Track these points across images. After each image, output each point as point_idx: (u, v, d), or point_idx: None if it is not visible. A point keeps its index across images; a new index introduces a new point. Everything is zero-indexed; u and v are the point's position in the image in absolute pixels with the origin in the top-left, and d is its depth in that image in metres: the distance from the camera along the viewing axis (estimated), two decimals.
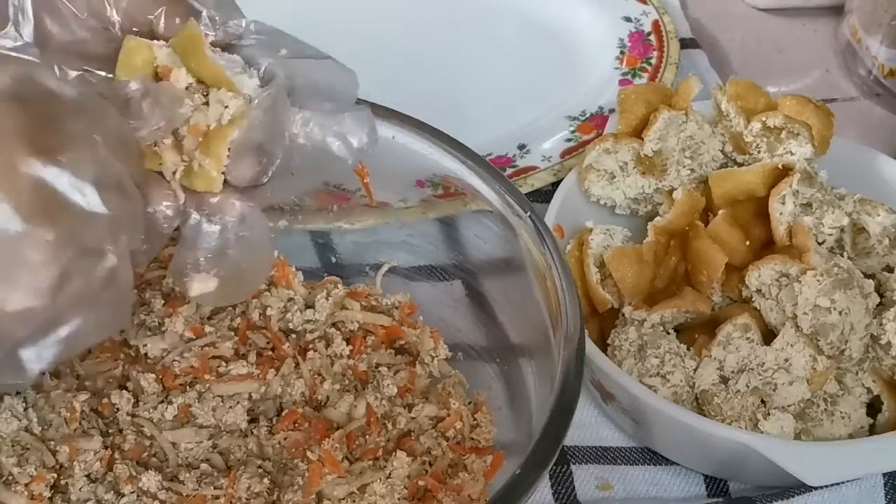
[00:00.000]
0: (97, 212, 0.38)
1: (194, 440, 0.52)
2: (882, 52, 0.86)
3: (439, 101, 0.76)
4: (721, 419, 0.56)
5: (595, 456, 0.60)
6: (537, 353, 0.54)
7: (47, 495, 0.49)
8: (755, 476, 0.59)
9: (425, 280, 0.61)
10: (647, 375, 0.57)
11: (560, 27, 0.88)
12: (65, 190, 0.37)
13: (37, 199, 0.37)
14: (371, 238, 0.62)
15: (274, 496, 0.50)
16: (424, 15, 0.88)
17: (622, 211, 0.67)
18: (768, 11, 0.96)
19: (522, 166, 0.73)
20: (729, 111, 0.66)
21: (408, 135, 0.57)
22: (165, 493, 0.49)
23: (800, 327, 0.57)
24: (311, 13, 0.87)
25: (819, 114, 0.65)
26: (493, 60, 0.86)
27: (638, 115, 0.67)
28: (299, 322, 0.57)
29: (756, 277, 0.60)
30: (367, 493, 0.49)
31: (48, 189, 0.37)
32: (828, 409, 0.58)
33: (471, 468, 0.52)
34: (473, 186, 0.56)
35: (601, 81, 0.81)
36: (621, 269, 0.61)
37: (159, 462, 0.51)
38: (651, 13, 0.87)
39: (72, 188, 0.38)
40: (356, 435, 0.52)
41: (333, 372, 0.55)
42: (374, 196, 0.59)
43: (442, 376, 0.58)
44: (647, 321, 0.59)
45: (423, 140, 0.57)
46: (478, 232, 0.58)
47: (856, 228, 0.62)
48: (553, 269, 0.51)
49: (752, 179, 0.63)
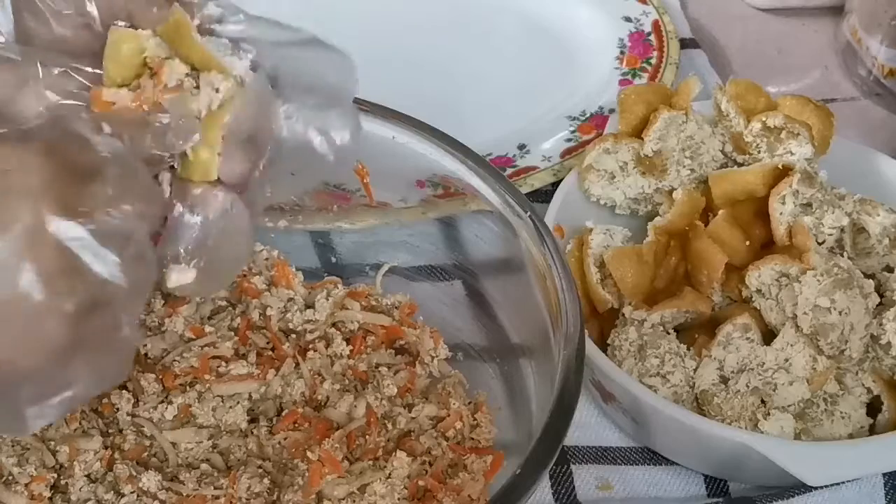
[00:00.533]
0: (118, 284, 0.38)
1: (194, 440, 0.52)
2: (882, 52, 0.86)
3: (439, 101, 0.75)
4: (721, 419, 0.56)
5: (595, 456, 0.60)
6: (537, 352, 0.54)
7: (47, 495, 0.49)
8: (755, 476, 0.59)
9: (425, 280, 0.61)
10: (647, 375, 0.57)
11: (560, 27, 0.88)
12: (89, 258, 0.37)
13: (60, 266, 0.36)
14: (371, 238, 0.62)
15: (274, 496, 0.50)
16: (424, 15, 0.88)
17: (622, 211, 0.67)
18: (768, 11, 0.96)
19: (522, 166, 0.73)
20: (729, 111, 0.66)
21: (408, 135, 0.57)
22: (165, 493, 0.49)
23: (800, 327, 0.57)
24: (312, 13, 0.87)
25: (819, 114, 0.65)
26: (493, 60, 0.86)
27: (638, 115, 0.67)
28: (299, 322, 0.57)
29: (756, 277, 0.60)
30: (367, 493, 0.49)
31: (72, 255, 0.37)
32: (828, 409, 0.58)
33: (471, 468, 0.52)
34: (473, 186, 0.56)
35: (601, 81, 0.81)
36: (621, 269, 0.61)
37: (159, 462, 0.51)
38: (651, 13, 0.87)
39: (95, 257, 0.37)
40: (356, 435, 0.52)
41: (333, 372, 0.55)
42: (374, 196, 0.60)
43: (442, 376, 0.58)
44: (647, 321, 0.59)
45: (423, 140, 0.57)
46: (478, 232, 0.58)
47: (856, 228, 0.62)
48: (553, 269, 0.51)
49: (752, 179, 0.63)
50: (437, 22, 0.88)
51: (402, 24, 0.88)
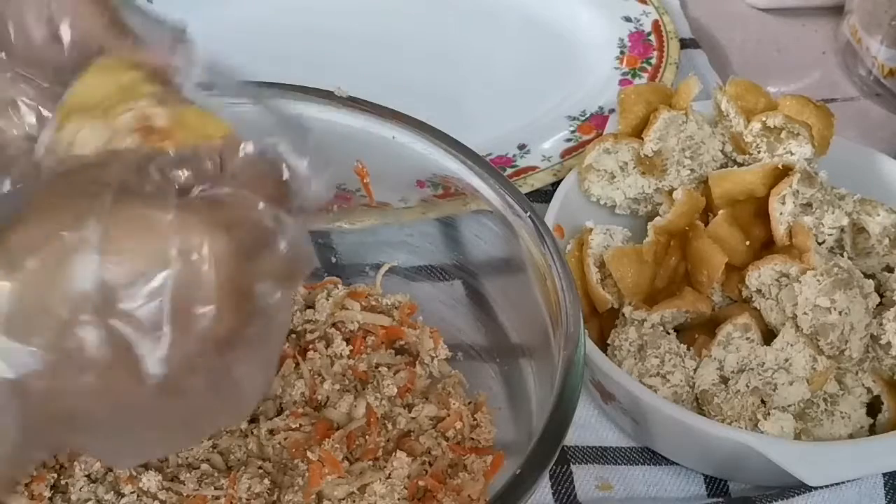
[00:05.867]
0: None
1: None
2: (882, 52, 0.86)
3: (439, 101, 0.75)
4: (721, 419, 0.56)
5: (595, 456, 0.60)
6: (537, 352, 0.54)
7: (47, 495, 0.49)
8: (755, 476, 0.59)
9: (425, 280, 0.61)
10: (647, 375, 0.57)
11: (560, 27, 0.88)
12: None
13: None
14: (371, 238, 0.62)
15: (274, 496, 0.50)
16: (424, 14, 0.88)
17: (622, 211, 0.67)
18: (768, 11, 0.96)
19: (522, 166, 0.73)
20: (729, 111, 0.66)
21: (408, 135, 0.57)
22: (165, 494, 0.49)
23: (800, 327, 0.57)
24: (312, 13, 0.87)
25: (819, 114, 0.65)
26: (493, 60, 0.86)
27: (638, 115, 0.67)
28: (299, 322, 0.57)
29: (756, 277, 0.60)
30: (367, 493, 0.49)
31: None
32: (828, 409, 0.58)
33: (471, 468, 0.52)
34: (473, 186, 0.56)
35: (601, 81, 0.81)
36: (621, 269, 0.61)
37: (159, 462, 0.51)
38: (651, 13, 0.87)
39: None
40: (356, 435, 0.52)
41: (333, 372, 0.55)
42: (374, 196, 0.60)
43: (442, 376, 0.58)
44: (647, 321, 0.59)
45: (423, 140, 0.56)
46: (478, 232, 0.58)
47: (856, 228, 0.62)
48: (553, 269, 0.51)
49: (752, 179, 0.63)
50: (437, 21, 0.88)
51: (401, 23, 0.88)
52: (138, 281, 0.34)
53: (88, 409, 0.36)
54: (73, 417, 0.37)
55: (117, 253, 0.34)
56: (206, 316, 0.35)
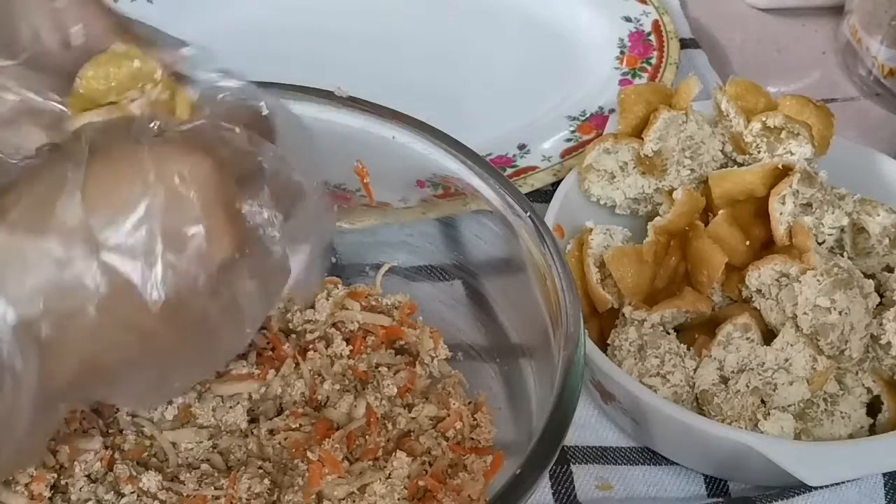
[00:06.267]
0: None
1: (194, 440, 0.52)
2: (882, 52, 0.86)
3: (439, 101, 0.76)
4: (721, 419, 0.56)
5: (595, 456, 0.60)
6: (537, 352, 0.54)
7: (47, 495, 0.49)
8: (755, 476, 0.59)
9: (425, 280, 0.61)
10: (647, 375, 0.57)
11: (560, 27, 0.88)
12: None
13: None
14: (371, 238, 0.62)
15: (274, 496, 0.50)
16: (424, 14, 0.89)
17: (622, 211, 0.67)
18: (768, 11, 0.96)
19: (522, 166, 0.73)
20: (729, 111, 0.66)
21: (408, 135, 0.57)
22: (166, 494, 0.49)
23: (800, 327, 0.57)
24: (312, 13, 0.87)
25: (819, 114, 0.65)
26: (493, 60, 0.86)
27: (638, 115, 0.67)
28: (299, 322, 0.57)
29: (756, 277, 0.60)
30: (367, 493, 0.49)
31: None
32: (828, 409, 0.58)
33: (471, 468, 0.52)
34: (473, 186, 0.56)
35: (601, 81, 0.81)
36: (621, 269, 0.61)
37: (159, 462, 0.51)
38: (651, 13, 0.87)
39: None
40: (356, 435, 0.52)
41: (333, 372, 0.55)
42: (374, 196, 0.60)
43: (442, 376, 0.58)
44: (647, 321, 0.59)
45: (423, 140, 0.56)
46: (478, 232, 0.58)
47: (856, 228, 0.62)
48: (553, 269, 0.51)
49: (752, 179, 0.63)
50: (437, 21, 0.88)
51: (401, 23, 0.88)
52: (122, 212, 0.36)
53: (104, 349, 0.38)
54: (92, 364, 0.38)
55: (97, 188, 0.36)
56: (197, 235, 0.37)
